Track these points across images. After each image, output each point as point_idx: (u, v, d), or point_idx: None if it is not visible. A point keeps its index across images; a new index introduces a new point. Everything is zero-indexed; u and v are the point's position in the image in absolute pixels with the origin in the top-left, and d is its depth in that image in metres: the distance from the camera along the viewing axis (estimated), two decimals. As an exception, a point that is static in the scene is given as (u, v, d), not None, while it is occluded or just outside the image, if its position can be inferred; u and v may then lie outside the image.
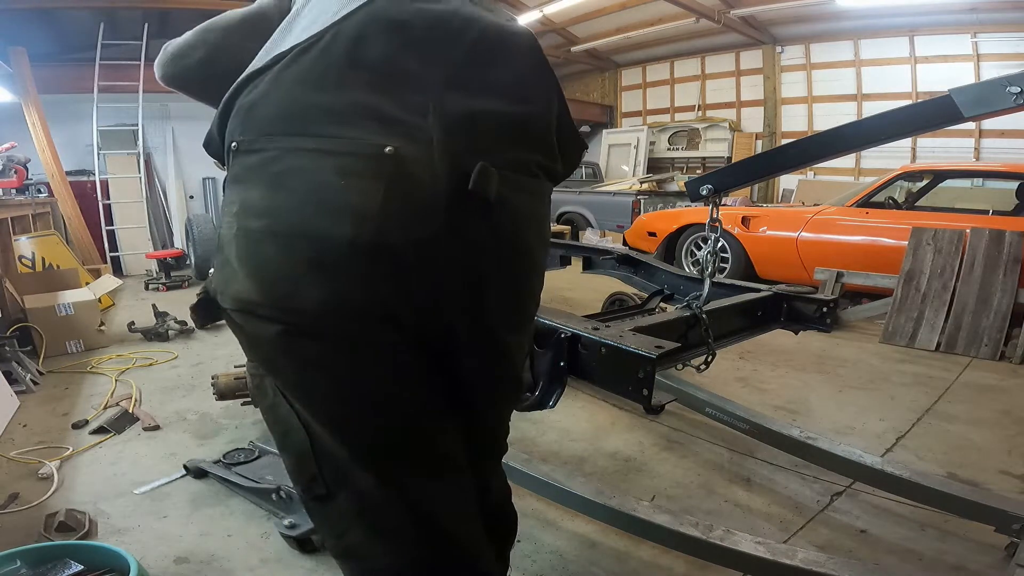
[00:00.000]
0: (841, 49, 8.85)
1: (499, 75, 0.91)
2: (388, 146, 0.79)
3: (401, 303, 0.84)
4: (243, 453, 2.15)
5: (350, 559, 0.96)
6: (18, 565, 1.36)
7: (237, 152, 0.85)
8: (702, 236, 5.17)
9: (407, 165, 0.80)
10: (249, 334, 0.88)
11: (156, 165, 7.53)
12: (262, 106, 0.84)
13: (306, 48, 0.84)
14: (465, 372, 0.96)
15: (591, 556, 1.68)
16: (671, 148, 11.02)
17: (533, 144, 0.94)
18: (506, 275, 0.92)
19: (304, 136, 0.81)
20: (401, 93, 0.84)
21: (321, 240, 0.79)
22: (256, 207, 0.82)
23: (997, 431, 2.53)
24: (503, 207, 0.87)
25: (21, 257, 4.70)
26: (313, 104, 0.82)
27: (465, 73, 0.88)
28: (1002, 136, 7.40)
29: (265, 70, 0.85)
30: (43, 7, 6.25)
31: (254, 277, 0.82)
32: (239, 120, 0.85)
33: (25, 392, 2.88)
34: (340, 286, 0.80)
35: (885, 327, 3.99)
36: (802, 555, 1.37)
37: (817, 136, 1.78)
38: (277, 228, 0.80)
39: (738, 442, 2.32)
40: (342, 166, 0.79)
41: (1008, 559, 1.58)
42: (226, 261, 0.85)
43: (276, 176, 0.81)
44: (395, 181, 0.79)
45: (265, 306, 0.82)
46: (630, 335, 1.49)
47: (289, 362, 0.87)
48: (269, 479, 1.87)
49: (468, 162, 0.83)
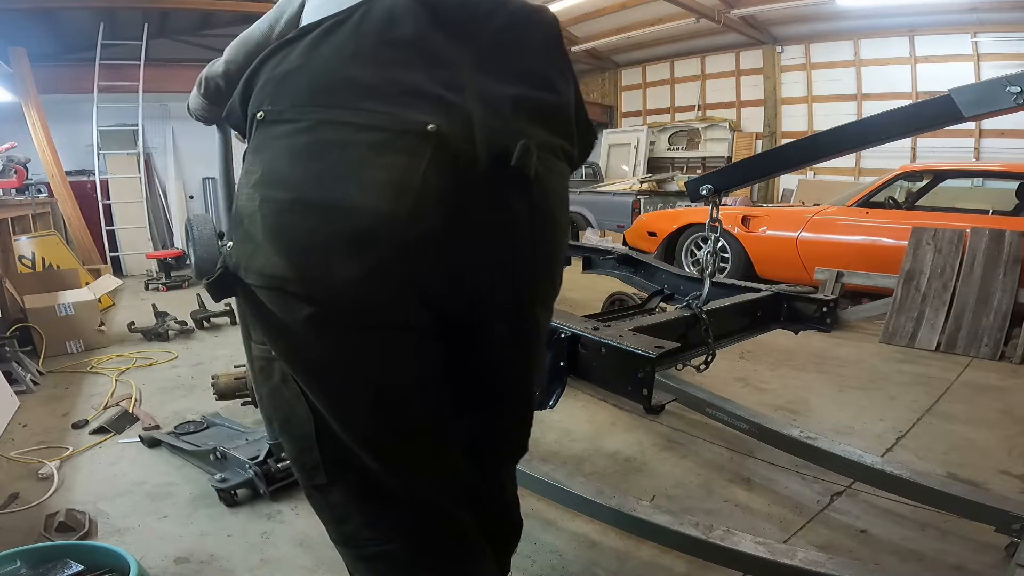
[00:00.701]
0: (841, 49, 8.85)
1: (527, 59, 0.92)
2: (430, 123, 0.79)
3: (437, 280, 0.84)
4: (193, 425, 2.40)
5: (349, 545, 0.96)
6: (18, 565, 1.36)
7: (263, 122, 0.83)
8: (702, 236, 5.16)
9: (448, 141, 0.79)
10: (271, 313, 0.83)
11: (156, 165, 7.53)
12: (295, 77, 0.82)
13: (338, 23, 0.83)
14: (497, 357, 0.96)
15: (591, 556, 1.68)
16: (671, 148, 11.02)
17: (557, 128, 0.94)
18: (540, 250, 0.93)
19: (341, 108, 0.80)
20: (435, 71, 0.83)
21: (358, 214, 0.77)
22: (284, 178, 0.80)
23: (997, 431, 2.53)
24: (539, 184, 0.87)
25: (21, 257, 4.70)
26: (350, 78, 0.81)
27: (495, 55, 0.88)
28: (1002, 136, 7.39)
29: (295, 40, 0.84)
30: (43, 7, 6.24)
31: (284, 252, 0.79)
32: (268, 90, 0.84)
33: (25, 392, 2.88)
34: (377, 262, 0.79)
35: (885, 327, 3.98)
36: (802, 555, 1.37)
37: (817, 136, 1.78)
38: (311, 200, 0.78)
39: (738, 442, 2.32)
40: (382, 141, 0.79)
41: (1008, 559, 1.58)
42: (247, 235, 0.82)
43: (308, 147, 0.79)
44: (436, 157, 0.79)
45: (295, 282, 0.79)
46: (630, 335, 1.50)
47: (312, 345, 0.84)
48: (211, 445, 2.11)
49: (507, 140, 0.83)
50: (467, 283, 0.86)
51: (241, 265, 0.82)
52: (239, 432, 2.25)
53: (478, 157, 0.81)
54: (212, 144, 1.69)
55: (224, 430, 2.33)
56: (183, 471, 2.12)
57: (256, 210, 0.80)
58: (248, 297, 0.85)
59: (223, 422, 2.40)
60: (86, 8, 6.49)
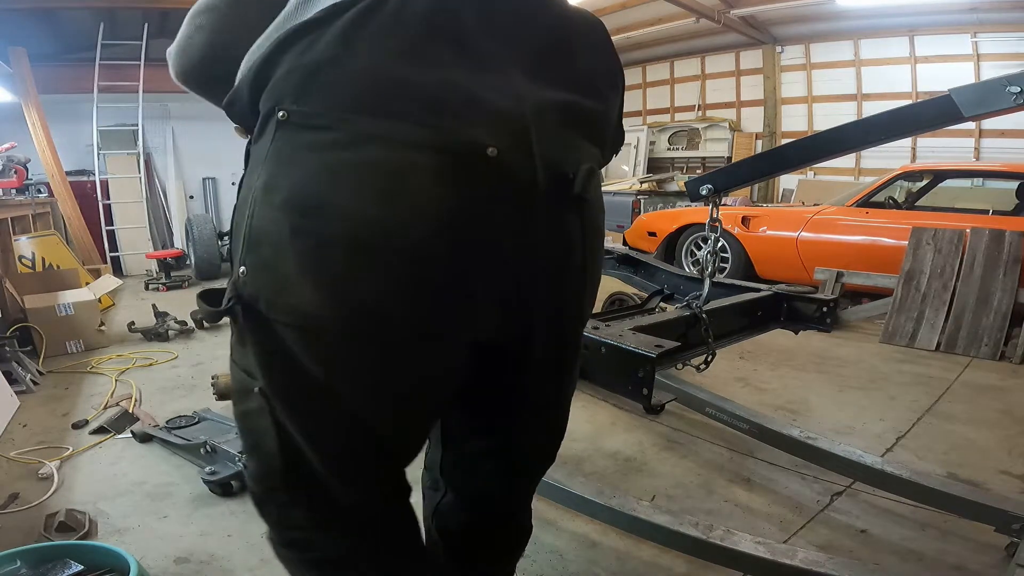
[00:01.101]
0: (841, 49, 8.84)
1: (578, 63, 0.85)
2: (490, 147, 0.70)
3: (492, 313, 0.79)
4: (184, 420, 2.43)
5: (292, 548, 0.91)
6: (18, 565, 1.36)
7: (287, 123, 0.70)
8: (702, 236, 5.16)
9: (508, 164, 0.72)
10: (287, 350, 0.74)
11: (156, 165, 7.53)
12: (330, 72, 0.69)
13: (371, 7, 0.70)
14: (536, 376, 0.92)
15: (591, 556, 1.68)
16: (671, 148, 11.01)
17: (596, 137, 0.88)
18: (591, 266, 0.89)
19: (389, 119, 0.69)
20: (487, 74, 0.74)
21: (416, 253, 0.69)
22: (323, 205, 0.68)
23: (997, 431, 2.53)
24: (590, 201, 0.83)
25: (21, 257, 4.70)
26: (399, 79, 0.70)
27: (547, 57, 0.81)
28: (1002, 136, 7.39)
29: (325, 22, 0.70)
30: (43, 7, 6.23)
31: (326, 293, 0.70)
32: (294, 83, 0.70)
33: (25, 392, 2.88)
34: (436, 307, 0.73)
35: (885, 327, 3.98)
36: (802, 555, 1.37)
37: (817, 136, 1.78)
38: (360, 236, 0.68)
39: (738, 442, 2.32)
40: (439, 166, 0.69)
41: (1008, 559, 1.58)
42: (268, 264, 0.72)
43: (354, 168, 0.68)
44: (496, 185, 0.72)
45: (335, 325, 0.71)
46: (630, 334, 1.50)
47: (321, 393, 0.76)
48: (201, 439, 2.14)
49: (563, 158, 0.77)
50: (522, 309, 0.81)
51: (262, 298, 0.73)
52: (230, 426, 2.26)
53: (537, 179, 0.74)
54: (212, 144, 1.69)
55: (215, 424, 2.37)
56: (183, 471, 2.12)
57: (286, 240, 0.69)
58: (264, 333, 0.75)
59: (214, 417, 2.44)
60: (86, 8, 6.48)
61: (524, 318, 0.82)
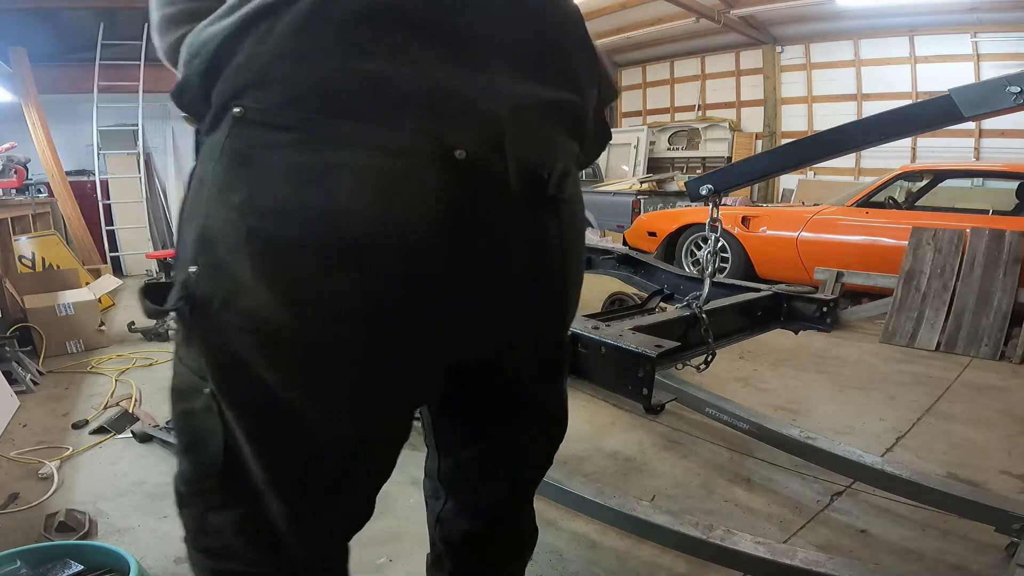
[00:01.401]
0: (841, 49, 8.85)
1: (560, 57, 0.81)
2: (458, 148, 0.67)
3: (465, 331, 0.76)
4: None
5: (209, 556, 0.85)
6: (18, 565, 1.36)
7: (243, 120, 0.65)
8: (702, 236, 5.16)
9: (478, 169, 0.69)
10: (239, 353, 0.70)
11: (156, 165, 7.52)
12: (289, 63, 0.64)
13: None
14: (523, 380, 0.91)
15: (591, 556, 1.68)
16: (671, 148, 11.02)
17: (575, 132, 0.84)
18: (571, 265, 0.86)
19: (352, 119, 0.64)
20: (464, 70, 0.69)
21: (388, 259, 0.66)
22: (284, 210, 0.64)
23: (997, 431, 2.53)
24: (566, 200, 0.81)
25: (21, 257, 4.70)
26: (361, 73, 0.65)
27: (530, 53, 0.76)
28: (1002, 136, 7.40)
29: (280, 8, 0.64)
30: (43, 7, 6.24)
31: (282, 298, 0.66)
32: (249, 75, 0.65)
33: (25, 392, 2.88)
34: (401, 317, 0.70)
35: (885, 327, 3.98)
36: (802, 555, 1.37)
37: (817, 136, 1.78)
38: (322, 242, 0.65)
39: (738, 442, 2.32)
40: (406, 170, 0.66)
41: (1008, 559, 1.58)
42: (222, 266, 0.67)
43: (317, 172, 0.64)
44: (467, 188, 0.69)
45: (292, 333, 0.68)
46: (630, 334, 1.50)
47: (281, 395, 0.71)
48: None
49: (537, 157, 0.75)
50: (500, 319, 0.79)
51: (216, 300, 0.68)
52: None
53: (510, 181, 0.71)
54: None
55: None
56: (183, 471, 2.12)
57: (241, 242, 0.65)
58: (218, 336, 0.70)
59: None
60: (86, 8, 6.48)
61: (504, 323, 0.80)
